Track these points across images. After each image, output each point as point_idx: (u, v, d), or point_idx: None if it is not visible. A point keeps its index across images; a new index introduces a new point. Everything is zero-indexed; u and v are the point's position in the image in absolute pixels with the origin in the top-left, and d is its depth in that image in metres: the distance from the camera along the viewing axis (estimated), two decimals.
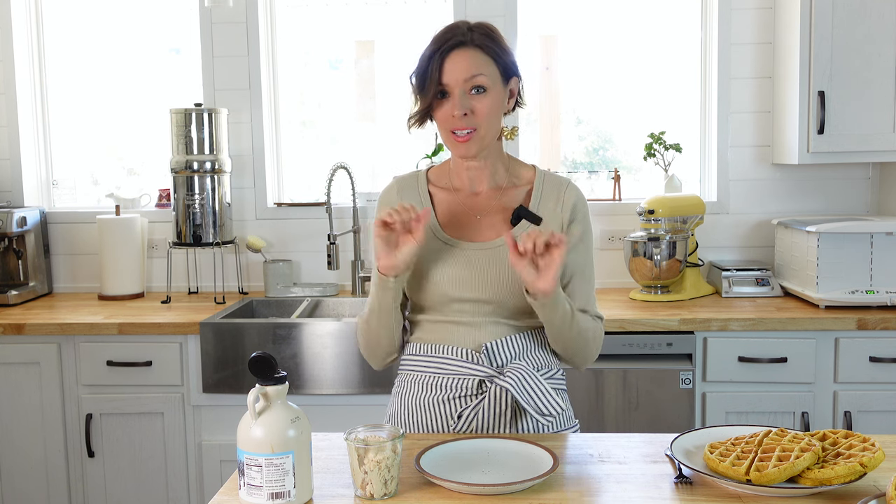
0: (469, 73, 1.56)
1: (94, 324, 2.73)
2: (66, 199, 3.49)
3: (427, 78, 1.58)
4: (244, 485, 1.30)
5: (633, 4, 3.31)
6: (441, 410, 1.63)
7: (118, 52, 3.43)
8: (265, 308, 3.15)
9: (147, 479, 2.78)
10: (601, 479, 1.38)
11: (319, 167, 3.39)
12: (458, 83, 1.56)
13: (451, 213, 1.68)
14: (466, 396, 1.61)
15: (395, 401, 1.73)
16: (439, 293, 1.62)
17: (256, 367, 1.30)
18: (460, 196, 1.70)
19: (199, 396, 2.73)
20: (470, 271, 1.61)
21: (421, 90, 1.61)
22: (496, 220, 1.66)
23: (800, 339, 2.60)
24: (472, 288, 1.60)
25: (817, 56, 2.80)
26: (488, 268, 1.61)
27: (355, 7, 3.37)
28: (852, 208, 3.19)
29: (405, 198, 1.70)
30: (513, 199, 1.68)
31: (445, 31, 1.59)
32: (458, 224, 1.67)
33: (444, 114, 1.60)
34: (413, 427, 1.66)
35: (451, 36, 1.57)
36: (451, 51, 1.57)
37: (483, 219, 1.66)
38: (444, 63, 1.56)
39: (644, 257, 2.93)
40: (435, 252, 1.63)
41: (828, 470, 1.27)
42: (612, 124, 3.44)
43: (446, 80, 1.57)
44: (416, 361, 1.67)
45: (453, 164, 1.72)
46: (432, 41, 1.59)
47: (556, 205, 1.66)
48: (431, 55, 1.58)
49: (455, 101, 1.57)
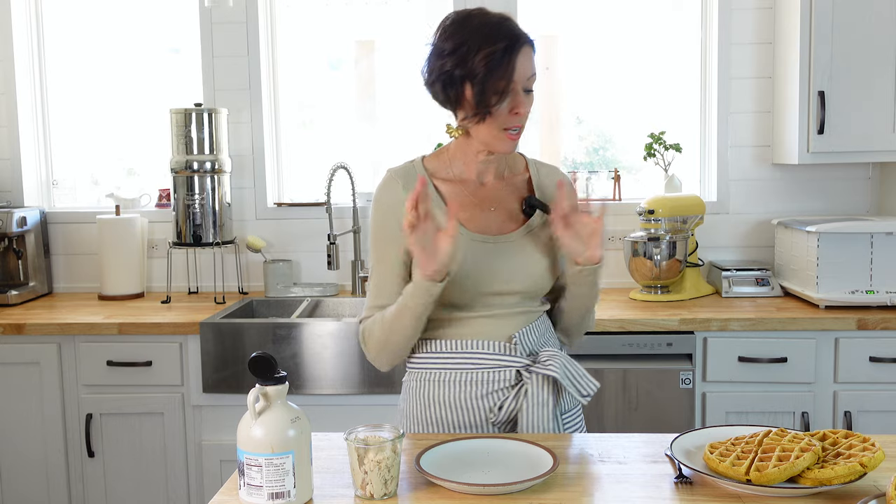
0: (531, 72, 1.56)
1: (94, 324, 2.73)
2: (66, 199, 3.49)
3: (502, 74, 1.52)
4: (244, 485, 1.30)
5: (633, 4, 3.30)
6: (479, 405, 1.63)
7: (118, 52, 3.43)
8: (265, 308, 3.15)
9: (147, 479, 2.78)
10: (601, 479, 1.38)
11: (319, 167, 3.39)
12: (521, 81, 1.55)
13: (464, 206, 1.65)
14: (505, 388, 1.63)
15: (417, 402, 1.68)
16: (472, 290, 1.61)
17: (256, 367, 1.30)
18: (468, 188, 1.68)
19: (199, 396, 2.73)
20: (500, 265, 1.62)
21: (492, 87, 1.52)
22: (510, 210, 1.68)
23: (800, 339, 2.60)
24: (503, 281, 1.62)
25: (817, 56, 2.80)
26: (516, 259, 1.63)
27: (355, 7, 3.37)
28: (852, 208, 3.19)
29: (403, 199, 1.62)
30: (517, 189, 1.70)
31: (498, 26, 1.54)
32: (476, 218, 1.65)
33: (503, 111, 1.55)
34: (447, 427, 1.65)
35: (516, 32, 1.54)
36: (521, 48, 1.54)
37: (497, 210, 1.67)
38: (516, 61, 1.53)
39: (644, 257, 2.93)
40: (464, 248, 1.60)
41: (828, 470, 1.27)
42: (612, 124, 3.44)
43: (516, 78, 1.53)
44: (445, 359, 1.65)
45: (463, 155, 1.68)
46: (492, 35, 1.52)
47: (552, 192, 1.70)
48: (506, 50, 1.51)
49: (521, 99, 1.55)
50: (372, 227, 1.67)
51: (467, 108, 1.57)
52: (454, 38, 1.54)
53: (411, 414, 1.70)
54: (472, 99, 1.54)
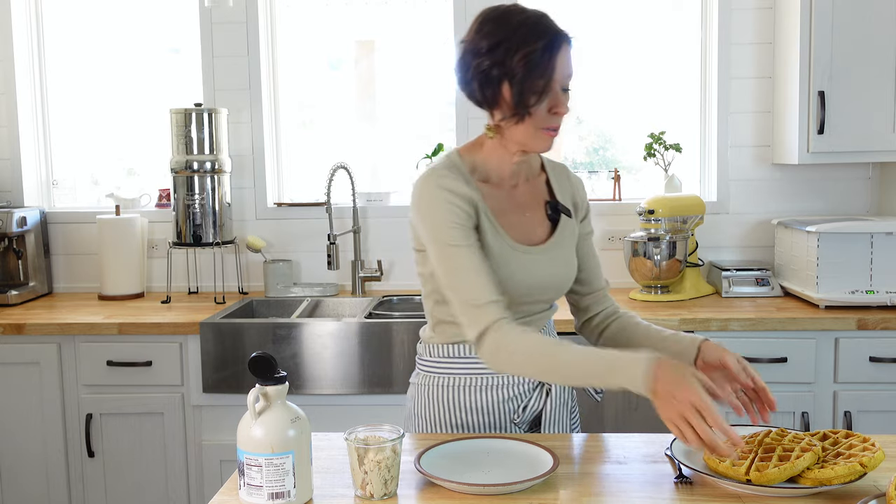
0: (571, 70, 1.54)
1: (94, 324, 2.73)
2: (66, 199, 3.49)
3: (544, 73, 1.48)
4: (244, 485, 1.30)
5: (633, 4, 3.30)
6: (502, 408, 1.63)
7: (118, 52, 3.43)
8: (265, 308, 3.15)
9: (147, 479, 2.78)
10: (601, 479, 1.38)
11: (319, 167, 3.39)
12: (562, 80, 1.52)
13: (503, 211, 1.61)
14: (528, 390, 1.65)
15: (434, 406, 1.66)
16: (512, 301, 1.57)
17: (256, 367, 1.30)
18: (503, 191, 1.63)
19: (199, 396, 2.73)
20: (535, 276, 1.60)
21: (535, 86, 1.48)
22: (539, 215, 1.66)
23: (800, 339, 2.60)
24: (538, 291, 1.62)
25: (817, 56, 2.80)
26: (549, 269, 1.62)
27: (355, 7, 3.37)
28: (852, 208, 3.19)
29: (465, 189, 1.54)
30: (540, 191, 1.69)
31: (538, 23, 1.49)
32: (512, 224, 1.61)
33: (543, 110, 1.51)
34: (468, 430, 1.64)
35: (556, 30, 1.50)
36: (562, 46, 1.50)
37: (529, 215, 1.65)
38: (558, 59, 1.49)
39: (644, 257, 2.93)
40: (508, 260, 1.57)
41: (828, 470, 1.27)
42: (612, 124, 3.44)
43: (557, 77, 1.50)
44: (470, 364, 1.63)
45: (497, 157, 1.61)
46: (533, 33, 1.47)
47: (571, 191, 1.72)
48: (546, 48, 1.47)
49: (562, 97, 1.53)
50: (435, 216, 1.52)
51: (505, 108, 1.51)
52: (492, 37, 1.49)
53: (427, 416, 1.67)
54: (511, 99, 1.49)
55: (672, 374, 1.31)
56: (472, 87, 1.53)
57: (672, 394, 1.29)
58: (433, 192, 1.53)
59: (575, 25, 1.58)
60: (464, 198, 1.53)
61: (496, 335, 1.46)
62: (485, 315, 1.47)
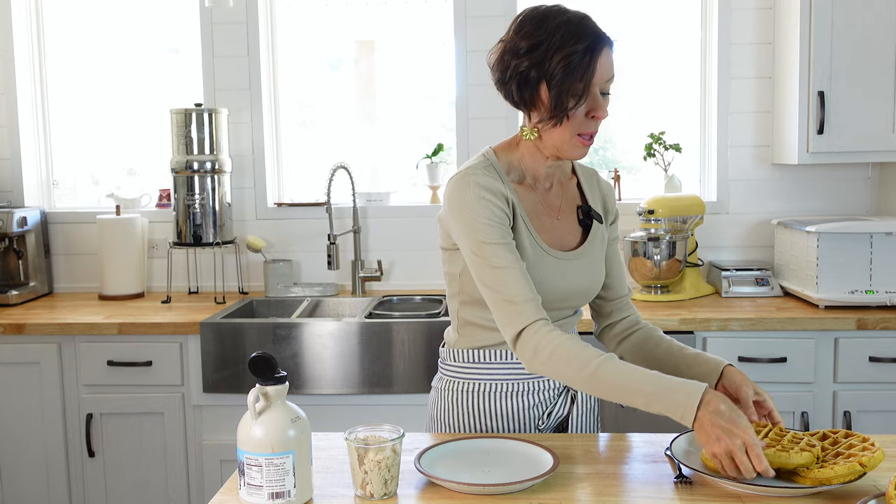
0: (611, 74, 1.51)
1: (95, 324, 2.73)
2: (67, 199, 3.49)
3: (582, 76, 1.45)
4: (244, 485, 1.30)
5: (632, 4, 3.31)
6: (526, 414, 1.63)
7: (118, 52, 3.43)
8: (265, 308, 3.15)
9: (147, 479, 2.78)
10: (601, 479, 1.38)
11: (319, 167, 3.39)
12: (600, 84, 1.49)
13: (536, 214, 1.60)
14: (553, 396, 1.64)
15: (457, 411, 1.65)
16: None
17: (256, 367, 1.30)
18: (537, 194, 1.62)
19: (200, 396, 2.73)
20: (567, 282, 1.59)
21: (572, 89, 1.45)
22: (570, 219, 1.65)
23: (800, 339, 2.60)
24: (568, 297, 1.60)
25: (817, 56, 2.80)
26: (580, 276, 1.61)
27: (355, 7, 3.37)
28: (852, 208, 3.19)
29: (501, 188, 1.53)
30: (573, 196, 1.67)
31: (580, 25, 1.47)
32: (545, 227, 1.60)
33: (580, 115, 1.49)
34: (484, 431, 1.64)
35: (597, 32, 1.48)
36: (602, 49, 1.48)
37: (561, 220, 1.63)
38: (598, 62, 1.47)
39: (644, 257, 2.93)
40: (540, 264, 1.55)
41: (827, 470, 1.27)
42: (612, 124, 3.44)
43: (595, 80, 1.47)
44: (496, 369, 1.62)
45: (531, 159, 1.59)
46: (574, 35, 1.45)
47: (601, 196, 1.71)
48: (586, 51, 1.45)
49: (601, 102, 1.49)
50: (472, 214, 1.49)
51: (542, 110, 1.49)
52: (531, 37, 1.46)
53: (450, 421, 1.66)
54: (549, 101, 1.47)
55: (722, 409, 1.31)
56: (509, 88, 1.51)
57: (724, 429, 1.29)
58: (471, 189, 1.51)
59: None
60: (501, 196, 1.52)
61: (536, 336, 1.44)
62: (523, 314, 1.45)
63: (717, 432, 1.29)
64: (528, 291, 1.46)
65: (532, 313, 1.45)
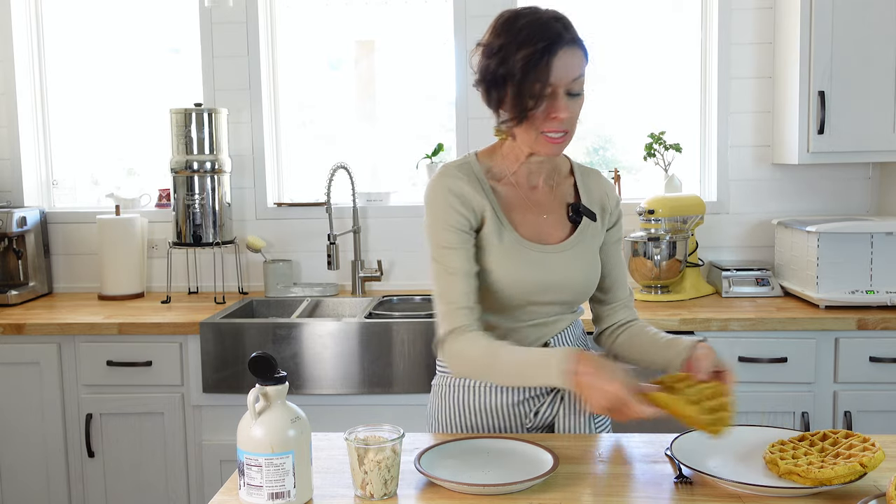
0: (576, 74, 1.49)
1: (94, 324, 2.73)
2: (66, 199, 3.49)
3: (537, 77, 1.46)
4: (244, 485, 1.30)
5: (633, 5, 3.30)
6: (513, 411, 1.63)
7: (118, 52, 3.43)
8: (265, 308, 3.15)
9: (147, 479, 2.78)
10: (601, 479, 1.38)
11: (319, 167, 3.39)
12: (564, 84, 1.48)
13: (517, 210, 1.62)
14: (541, 395, 1.64)
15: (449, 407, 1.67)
16: (521, 299, 1.59)
17: (256, 367, 1.30)
18: (520, 191, 1.63)
19: (199, 396, 2.73)
20: (553, 276, 1.59)
21: (527, 91, 1.47)
22: (559, 217, 1.65)
23: (800, 339, 2.60)
24: (553, 292, 1.60)
25: (817, 56, 2.80)
26: (565, 271, 1.60)
27: (355, 7, 3.37)
28: (852, 208, 3.19)
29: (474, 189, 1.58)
30: (565, 194, 1.68)
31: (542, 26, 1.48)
32: (526, 223, 1.61)
33: (541, 115, 1.49)
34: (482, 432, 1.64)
35: (557, 33, 1.48)
36: (560, 50, 1.47)
37: (549, 217, 1.64)
38: (553, 63, 1.46)
39: (644, 257, 2.93)
40: (517, 258, 1.57)
41: (828, 470, 1.27)
42: (612, 124, 3.44)
43: (553, 81, 1.47)
44: None
45: (513, 156, 1.62)
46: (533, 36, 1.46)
47: (600, 197, 1.71)
48: (542, 52, 1.45)
49: (560, 104, 1.49)
50: (435, 217, 1.57)
51: (508, 109, 1.51)
52: (500, 37, 1.49)
53: (441, 418, 1.68)
54: (511, 101, 1.49)
55: (593, 368, 1.39)
56: (482, 88, 1.54)
57: (596, 386, 1.38)
58: (437, 191, 1.57)
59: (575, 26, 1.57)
60: (465, 200, 1.56)
61: (458, 339, 1.52)
62: (454, 319, 1.53)
63: (592, 388, 1.38)
64: (465, 299, 1.53)
65: (462, 319, 1.52)
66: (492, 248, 1.57)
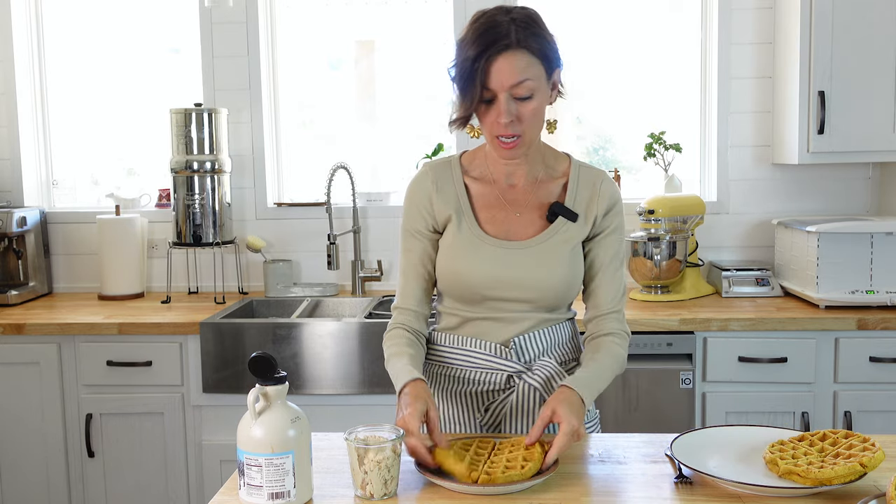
0: (516, 80, 1.46)
1: (94, 324, 2.73)
2: (66, 199, 3.49)
3: (472, 83, 1.47)
4: (244, 485, 1.30)
5: (632, 4, 3.30)
6: (469, 403, 1.64)
7: (118, 52, 3.43)
8: (265, 308, 3.15)
9: (147, 479, 2.78)
10: (601, 479, 1.38)
11: (319, 167, 3.39)
12: (503, 89, 1.47)
13: (488, 207, 1.63)
14: (494, 391, 1.62)
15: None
16: (477, 292, 1.59)
17: (256, 367, 1.30)
18: (497, 189, 1.64)
19: (199, 396, 2.73)
20: (511, 271, 1.58)
21: (464, 93, 1.50)
22: (534, 216, 1.62)
23: (800, 339, 2.60)
24: (511, 289, 1.59)
25: (817, 56, 2.80)
26: (528, 269, 1.58)
27: (355, 7, 3.37)
28: (852, 208, 3.19)
29: (440, 187, 1.63)
30: (549, 194, 1.64)
31: (489, 30, 1.46)
32: (496, 220, 1.62)
33: (489, 119, 1.51)
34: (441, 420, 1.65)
35: (496, 37, 1.45)
36: (498, 55, 1.45)
37: (522, 215, 1.62)
38: (491, 69, 1.46)
39: (644, 257, 2.93)
40: (473, 251, 1.59)
41: (828, 470, 1.27)
42: (612, 124, 3.44)
43: (492, 86, 1.47)
44: (444, 353, 1.66)
45: (490, 155, 1.65)
46: (476, 40, 1.46)
47: (592, 198, 1.64)
48: (476, 57, 1.45)
49: (501, 109, 1.48)
50: (403, 217, 1.68)
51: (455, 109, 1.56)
52: (461, 37, 1.53)
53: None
54: (456, 101, 1.54)
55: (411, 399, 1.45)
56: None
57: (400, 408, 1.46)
58: (407, 192, 1.69)
59: (575, 25, 1.57)
60: (423, 202, 1.64)
61: (387, 335, 1.66)
62: (394, 317, 1.67)
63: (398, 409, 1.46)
64: (406, 301, 1.66)
65: (398, 319, 1.66)
66: (449, 240, 1.61)
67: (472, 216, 1.62)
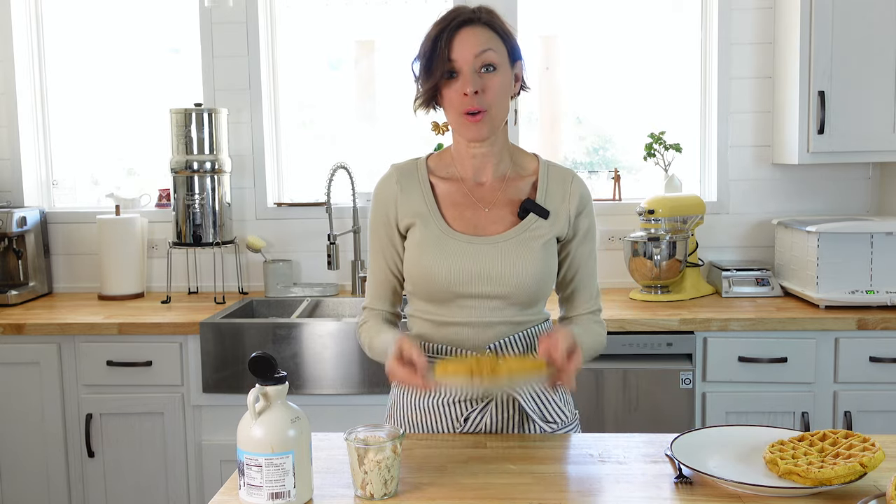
0: (479, 49, 1.51)
1: (94, 324, 2.73)
2: (66, 199, 3.49)
3: (435, 56, 1.52)
4: (244, 485, 1.30)
5: (632, 4, 3.30)
6: (448, 413, 1.61)
7: (118, 52, 3.43)
8: (265, 308, 3.15)
9: (147, 479, 2.78)
10: (601, 479, 1.38)
11: (319, 167, 3.39)
12: (467, 60, 1.51)
13: (455, 205, 1.62)
14: (473, 400, 1.60)
15: (396, 400, 1.70)
16: (446, 290, 1.57)
17: (256, 367, 1.30)
18: (464, 186, 1.64)
19: (199, 396, 2.73)
20: (480, 267, 1.57)
21: (428, 70, 1.55)
22: (504, 212, 1.61)
23: (800, 339, 2.60)
24: (482, 283, 1.57)
25: (817, 56, 2.80)
26: (498, 263, 1.57)
27: (355, 7, 3.37)
28: (852, 208, 3.19)
29: (405, 188, 1.65)
30: (518, 191, 1.64)
31: (451, 11, 1.56)
32: (464, 217, 1.61)
33: (454, 93, 1.53)
34: (416, 429, 1.64)
35: (457, 14, 1.53)
36: (460, 28, 1.52)
37: (490, 212, 1.62)
38: (454, 40, 1.51)
39: (644, 257, 2.93)
40: (441, 247, 1.58)
41: (828, 470, 1.27)
42: (612, 124, 3.43)
43: (455, 57, 1.51)
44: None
45: (456, 152, 1.67)
46: (438, 21, 1.55)
47: (563, 197, 1.63)
48: (439, 34, 1.52)
49: (466, 79, 1.51)
50: (371, 224, 1.70)
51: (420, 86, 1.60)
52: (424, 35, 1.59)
53: (393, 413, 1.70)
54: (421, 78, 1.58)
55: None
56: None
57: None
58: (373, 195, 1.70)
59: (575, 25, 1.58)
60: (388, 203, 1.65)
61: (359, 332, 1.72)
62: (362, 315, 1.73)
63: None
64: (372, 300, 1.71)
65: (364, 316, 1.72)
66: (417, 238, 1.61)
67: (438, 214, 1.61)
